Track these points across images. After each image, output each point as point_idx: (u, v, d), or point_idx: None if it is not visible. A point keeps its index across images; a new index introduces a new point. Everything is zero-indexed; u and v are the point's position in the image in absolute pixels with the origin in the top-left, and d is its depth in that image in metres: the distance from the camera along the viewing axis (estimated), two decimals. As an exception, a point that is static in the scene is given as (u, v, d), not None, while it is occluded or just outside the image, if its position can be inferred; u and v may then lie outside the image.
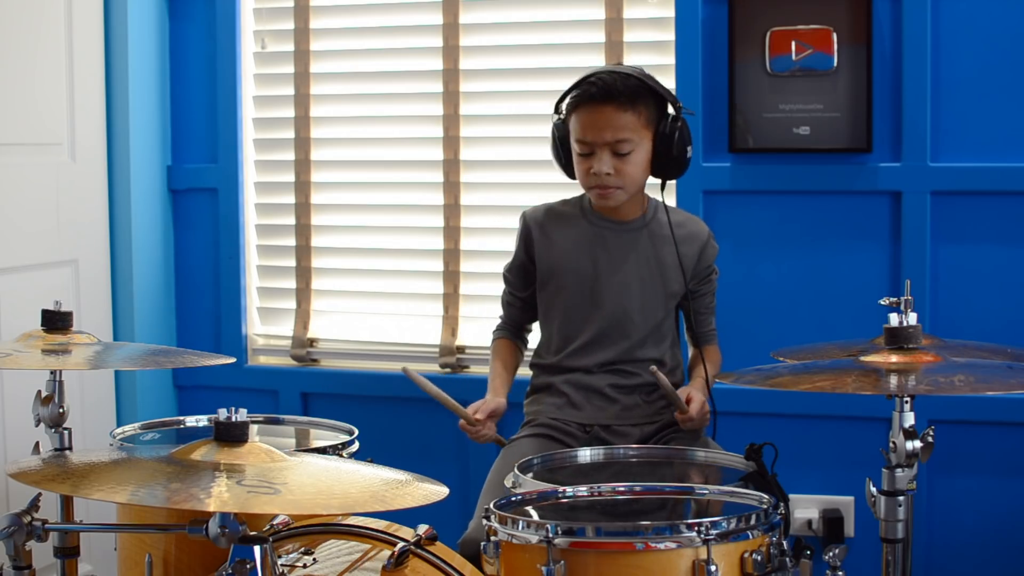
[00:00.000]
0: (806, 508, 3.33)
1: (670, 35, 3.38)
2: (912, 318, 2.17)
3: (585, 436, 2.83)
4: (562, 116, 2.82)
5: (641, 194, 2.86)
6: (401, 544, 2.15)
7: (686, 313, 2.94)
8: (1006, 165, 3.18)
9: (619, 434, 2.81)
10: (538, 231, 2.91)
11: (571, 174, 2.86)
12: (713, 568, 1.92)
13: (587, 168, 2.77)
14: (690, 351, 2.99)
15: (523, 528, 1.99)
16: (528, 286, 2.95)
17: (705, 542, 1.93)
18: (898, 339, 2.16)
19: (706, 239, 2.89)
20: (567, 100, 2.81)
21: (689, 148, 2.79)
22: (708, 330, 2.95)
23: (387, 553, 2.16)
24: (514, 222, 2.99)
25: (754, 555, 1.97)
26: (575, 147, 2.79)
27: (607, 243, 2.86)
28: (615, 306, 2.84)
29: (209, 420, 2.76)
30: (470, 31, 3.57)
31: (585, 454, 2.55)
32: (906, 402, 2.09)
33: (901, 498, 2.10)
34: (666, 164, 2.79)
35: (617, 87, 2.73)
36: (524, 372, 3.02)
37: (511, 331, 3.01)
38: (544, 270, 2.90)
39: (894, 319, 2.17)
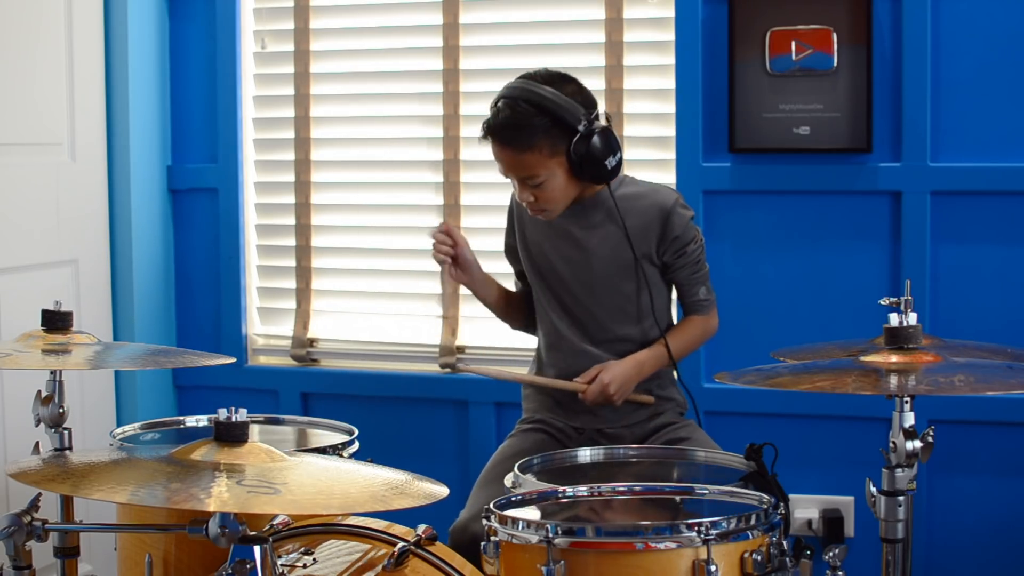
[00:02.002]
0: (806, 508, 3.33)
1: (670, 35, 3.38)
2: (912, 318, 2.17)
3: (579, 437, 2.84)
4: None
5: None
6: (401, 544, 2.16)
7: (676, 286, 2.90)
8: (1006, 165, 3.18)
9: (613, 437, 2.81)
10: (518, 214, 2.94)
11: None
12: (713, 568, 1.92)
13: (515, 194, 2.80)
14: None
15: (523, 528, 1.99)
16: (518, 262, 2.99)
17: (705, 542, 1.93)
18: (898, 339, 2.16)
19: (671, 206, 2.80)
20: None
21: (610, 159, 2.70)
22: (694, 300, 2.88)
23: (387, 553, 2.16)
24: (514, 222, 3.00)
25: (754, 555, 1.97)
26: None
27: (570, 222, 2.84)
28: (579, 284, 2.84)
29: (209, 420, 2.76)
30: (470, 31, 3.57)
31: (585, 454, 2.55)
32: (906, 402, 2.09)
33: (901, 498, 2.10)
34: (588, 178, 2.74)
35: (510, 131, 2.68)
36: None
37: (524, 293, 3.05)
38: (522, 252, 2.93)
39: (894, 319, 2.17)
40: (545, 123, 2.68)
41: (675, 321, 2.94)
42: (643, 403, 2.84)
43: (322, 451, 2.58)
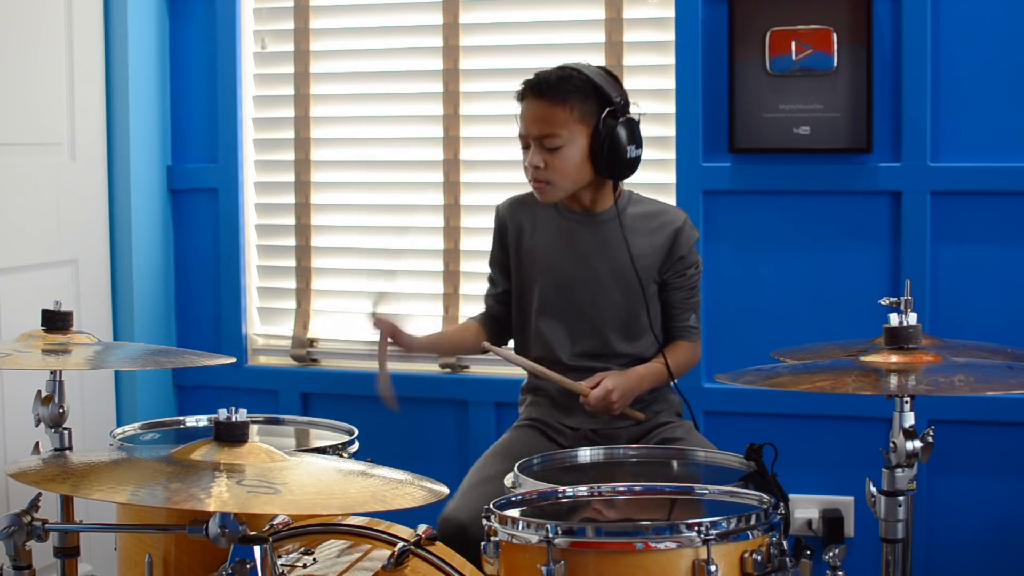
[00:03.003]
0: (806, 508, 3.33)
1: (670, 35, 3.38)
2: (912, 318, 2.17)
3: (574, 435, 2.84)
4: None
5: (609, 185, 2.82)
6: (401, 544, 2.16)
7: (667, 307, 2.88)
8: (1006, 165, 3.18)
9: (608, 437, 2.81)
10: (511, 223, 2.94)
11: None
12: (713, 568, 1.92)
13: (525, 161, 2.79)
14: None
15: (523, 528, 1.99)
16: (508, 279, 2.97)
17: (705, 542, 1.93)
18: (898, 339, 2.16)
19: (679, 227, 2.82)
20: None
21: (631, 148, 2.73)
22: (681, 326, 2.88)
23: (387, 553, 2.16)
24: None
25: (754, 555, 1.97)
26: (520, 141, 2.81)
27: (575, 235, 2.85)
28: (583, 298, 2.84)
29: (209, 420, 2.76)
30: (470, 31, 3.57)
31: (585, 454, 2.55)
32: (906, 402, 2.09)
33: (901, 498, 2.10)
34: (604, 163, 2.74)
35: (550, 82, 2.73)
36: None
37: (482, 318, 3.02)
38: (517, 262, 2.91)
39: (894, 319, 2.17)
40: (586, 87, 2.72)
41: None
42: (634, 419, 2.84)
43: (322, 451, 2.58)
